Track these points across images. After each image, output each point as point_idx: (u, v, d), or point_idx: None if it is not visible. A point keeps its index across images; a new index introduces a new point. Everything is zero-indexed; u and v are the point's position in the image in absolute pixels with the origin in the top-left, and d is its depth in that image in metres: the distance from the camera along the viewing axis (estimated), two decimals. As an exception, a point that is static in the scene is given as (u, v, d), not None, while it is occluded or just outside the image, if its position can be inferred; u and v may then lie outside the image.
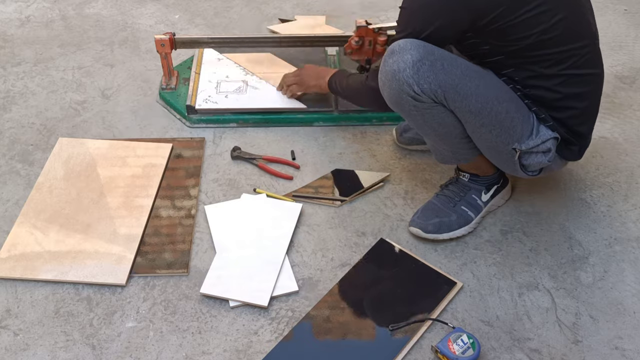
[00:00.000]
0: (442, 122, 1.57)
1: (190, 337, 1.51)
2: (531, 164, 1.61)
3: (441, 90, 1.49)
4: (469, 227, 1.74)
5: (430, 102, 1.52)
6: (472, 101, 1.51)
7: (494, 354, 1.48)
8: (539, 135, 1.57)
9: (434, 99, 1.51)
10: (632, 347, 1.50)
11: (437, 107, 1.54)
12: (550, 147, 1.58)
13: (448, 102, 1.52)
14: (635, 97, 2.26)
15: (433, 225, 1.72)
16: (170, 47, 2.13)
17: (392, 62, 1.50)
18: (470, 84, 1.50)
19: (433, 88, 1.49)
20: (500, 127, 1.55)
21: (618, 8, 2.77)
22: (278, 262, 1.65)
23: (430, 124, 1.59)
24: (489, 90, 1.52)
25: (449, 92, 1.50)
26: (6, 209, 1.82)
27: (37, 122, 2.14)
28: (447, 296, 1.58)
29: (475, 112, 1.52)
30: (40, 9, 2.73)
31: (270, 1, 2.78)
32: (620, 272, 1.66)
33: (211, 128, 2.10)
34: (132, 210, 1.79)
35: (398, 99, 1.54)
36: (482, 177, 1.76)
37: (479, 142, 1.63)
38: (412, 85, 1.49)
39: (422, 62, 1.47)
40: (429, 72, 1.48)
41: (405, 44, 1.50)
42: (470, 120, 1.55)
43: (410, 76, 1.48)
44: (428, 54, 1.48)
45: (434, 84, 1.48)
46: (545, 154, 1.59)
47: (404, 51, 1.49)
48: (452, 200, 1.75)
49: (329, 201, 1.84)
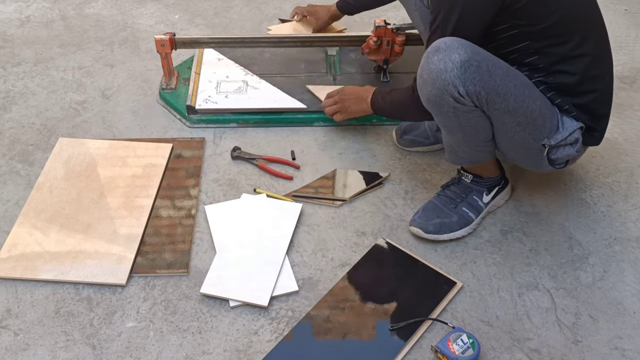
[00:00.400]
0: (475, 126, 1.55)
1: (190, 337, 1.51)
2: (559, 157, 1.62)
3: (485, 92, 1.45)
4: (470, 228, 1.75)
5: (470, 106, 1.48)
6: (511, 101, 1.49)
7: (494, 354, 1.48)
8: (566, 128, 1.58)
9: (476, 102, 1.47)
10: (632, 347, 1.50)
11: (476, 111, 1.51)
12: (577, 138, 1.59)
13: (489, 104, 1.48)
14: (635, 97, 2.26)
15: (434, 225, 1.71)
16: (170, 47, 2.13)
17: (437, 60, 1.44)
18: (510, 83, 1.48)
19: (478, 90, 1.44)
20: (534, 125, 1.54)
21: (618, 8, 2.77)
22: (278, 262, 1.65)
23: (464, 126, 1.55)
24: (524, 88, 1.52)
25: (491, 94, 1.46)
26: (6, 209, 1.82)
27: (38, 122, 2.14)
28: (447, 296, 1.58)
29: (512, 112, 1.50)
30: (40, 9, 2.73)
31: (270, 1, 2.78)
32: (620, 272, 1.66)
33: (211, 128, 2.10)
34: (132, 210, 1.79)
35: (439, 99, 1.48)
36: (485, 178, 1.76)
37: (510, 142, 1.61)
38: (457, 87, 1.44)
39: (469, 62, 1.43)
40: (475, 73, 1.43)
41: (452, 42, 1.44)
42: (507, 121, 1.53)
43: (457, 77, 1.43)
44: (475, 54, 1.44)
45: (479, 85, 1.44)
46: (573, 145, 1.60)
47: (451, 50, 1.43)
48: (454, 201, 1.75)
49: (329, 201, 1.84)
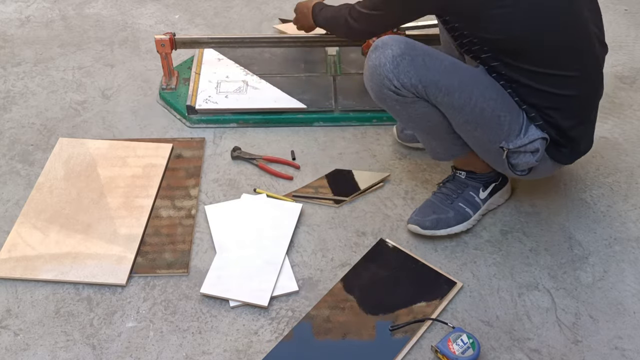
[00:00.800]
0: (425, 117, 1.59)
1: (190, 337, 1.51)
2: (519, 163, 1.61)
3: (422, 86, 1.51)
4: (467, 223, 1.75)
5: (412, 97, 1.54)
6: (454, 97, 1.52)
7: (494, 354, 1.48)
8: (527, 135, 1.57)
9: (415, 93, 1.53)
10: (632, 347, 1.50)
11: (420, 101, 1.55)
12: (538, 147, 1.57)
13: (429, 97, 1.53)
14: (635, 97, 2.26)
15: (430, 221, 1.72)
16: (170, 47, 2.13)
17: (374, 57, 1.53)
18: (453, 80, 1.52)
19: (413, 83, 1.50)
20: (486, 125, 1.55)
21: (618, 8, 2.76)
22: (278, 262, 1.65)
23: (414, 118, 1.60)
24: (474, 87, 1.53)
25: (429, 87, 1.51)
26: (6, 209, 1.82)
27: (38, 122, 2.14)
28: (447, 296, 1.58)
29: (458, 108, 1.53)
30: (40, 9, 2.73)
31: (270, 1, 2.78)
32: (620, 272, 1.66)
33: (211, 128, 2.10)
34: (132, 211, 1.79)
35: (380, 93, 1.56)
36: (479, 174, 1.76)
37: (467, 139, 1.63)
38: (392, 80, 1.51)
39: (402, 57, 1.50)
40: (409, 67, 1.50)
41: (388, 40, 1.53)
42: (454, 116, 1.56)
43: (390, 70, 1.50)
44: (409, 49, 1.51)
45: (414, 78, 1.50)
46: (534, 154, 1.58)
47: (386, 46, 1.52)
48: (450, 197, 1.76)
49: (329, 201, 1.84)
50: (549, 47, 1.51)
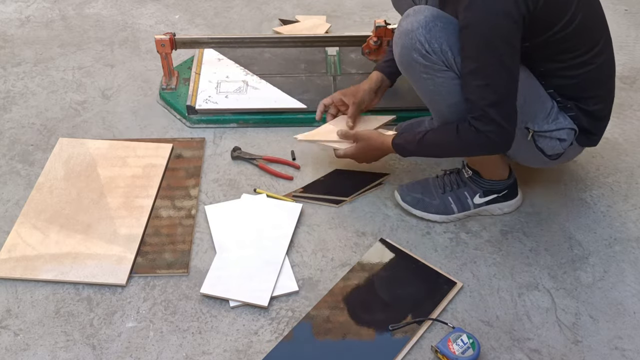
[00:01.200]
0: (451, 91, 1.55)
1: (190, 337, 1.51)
2: (545, 147, 1.62)
3: (451, 53, 1.50)
4: (447, 218, 1.76)
5: (440, 65, 1.52)
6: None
7: (494, 354, 1.48)
8: (556, 122, 1.58)
9: (445, 61, 1.52)
10: (632, 347, 1.50)
11: (448, 72, 1.53)
12: (565, 137, 1.59)
13: (457, 65, 1.52)
14: (635, 97, 2.26)
15: (412, 198, 1.75)
16: (170, 47, 2.13)
17: (406, 23, 1.53)
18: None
19: (444, 48, 1.50)
20: None
21: (619, 8, 2.77)
22: (278, 262, 1.65)
23: (440, 91, 1.56)
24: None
25: (458, 56, 1.50)
26: (6, 209, 1.82)
27: (38, 122, 2.14)
28: (447, 296, 1.58)
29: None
30: (40, 9, 2.73)
31: (270, 1, 2.78)
32: (620, 273, 1.66)
33: (211, 128, 2.10)
34: (132, 211, 1.79)
35: (409, 58, 1.54)
36: (484, 179, 1.75)
37: None
38: (423, 44, 1.50)
39: (434, 22, 1.50)
40: (441, 32, 1.50)
41: (420, 7, 1.53)
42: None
43: (422, 35, 1.50)
44: (442, 16, 1.51)
45: (445, 44, 1.50)
46: (561, 142, 1.60)
47: (419, 13, 1.52)
48: (443, 187, 1.77)
49: (328, 201, 1.84)
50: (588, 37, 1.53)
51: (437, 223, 1.77)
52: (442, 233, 1.75)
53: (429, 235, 1.75)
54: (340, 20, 2.66)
